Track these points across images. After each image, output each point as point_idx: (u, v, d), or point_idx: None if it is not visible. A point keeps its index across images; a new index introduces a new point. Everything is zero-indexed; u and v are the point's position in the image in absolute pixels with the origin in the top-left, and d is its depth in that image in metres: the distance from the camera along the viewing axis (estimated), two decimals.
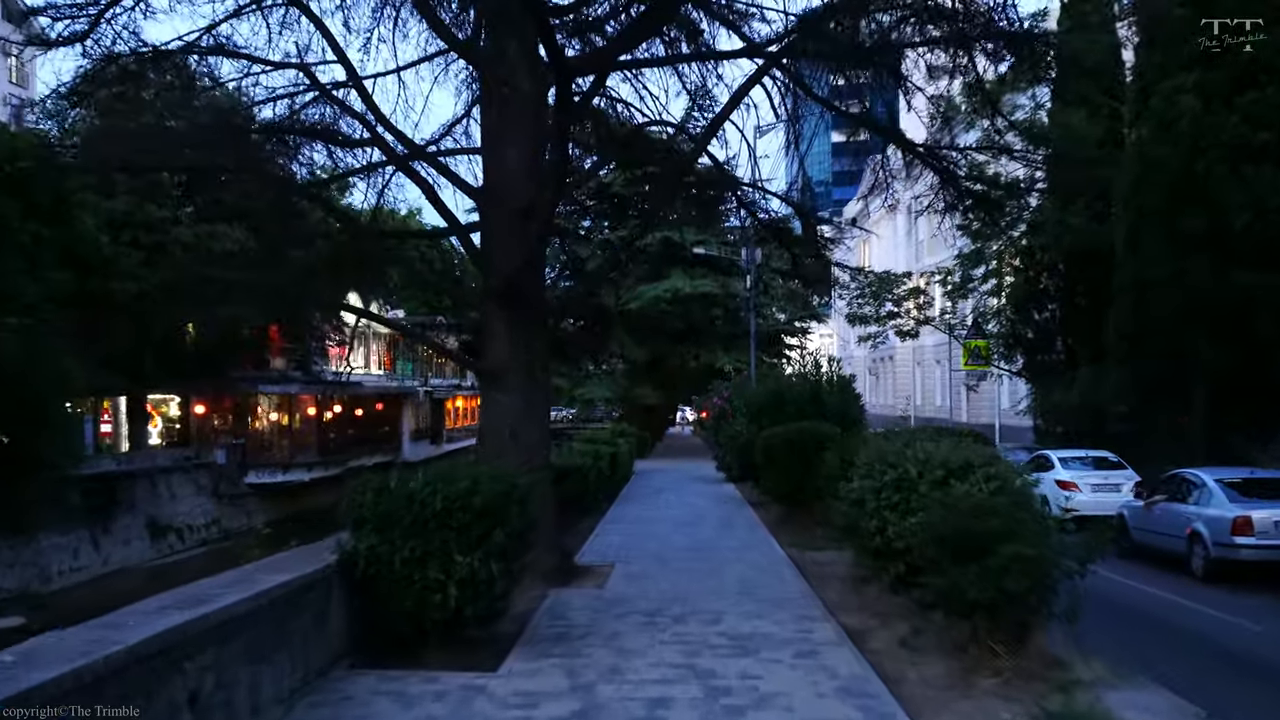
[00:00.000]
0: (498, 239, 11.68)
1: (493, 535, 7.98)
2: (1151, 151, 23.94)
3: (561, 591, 11.12)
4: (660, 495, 23.33)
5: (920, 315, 40.08)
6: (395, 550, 7.73)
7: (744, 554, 14.06)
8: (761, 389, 22.31)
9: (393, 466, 46.59)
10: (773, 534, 16.30)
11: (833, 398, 20.41)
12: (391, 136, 11.87)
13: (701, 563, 13.24)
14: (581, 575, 12.06)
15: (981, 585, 7.18)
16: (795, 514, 17.68)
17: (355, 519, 7.94)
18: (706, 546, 14.80)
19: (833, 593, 11.27)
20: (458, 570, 7.76)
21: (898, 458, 9.28)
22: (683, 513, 19.52)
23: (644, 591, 11.11)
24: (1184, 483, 16.28)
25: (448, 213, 12.04)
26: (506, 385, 11.57)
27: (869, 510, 9.20)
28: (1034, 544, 7.18)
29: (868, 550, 9.39)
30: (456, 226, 12.21)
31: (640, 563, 13.19)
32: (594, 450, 20.25)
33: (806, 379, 21.06)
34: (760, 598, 10.78)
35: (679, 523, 17.95)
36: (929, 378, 61.51)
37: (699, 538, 15.87)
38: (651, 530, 16.84)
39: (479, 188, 12.05)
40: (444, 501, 7.79)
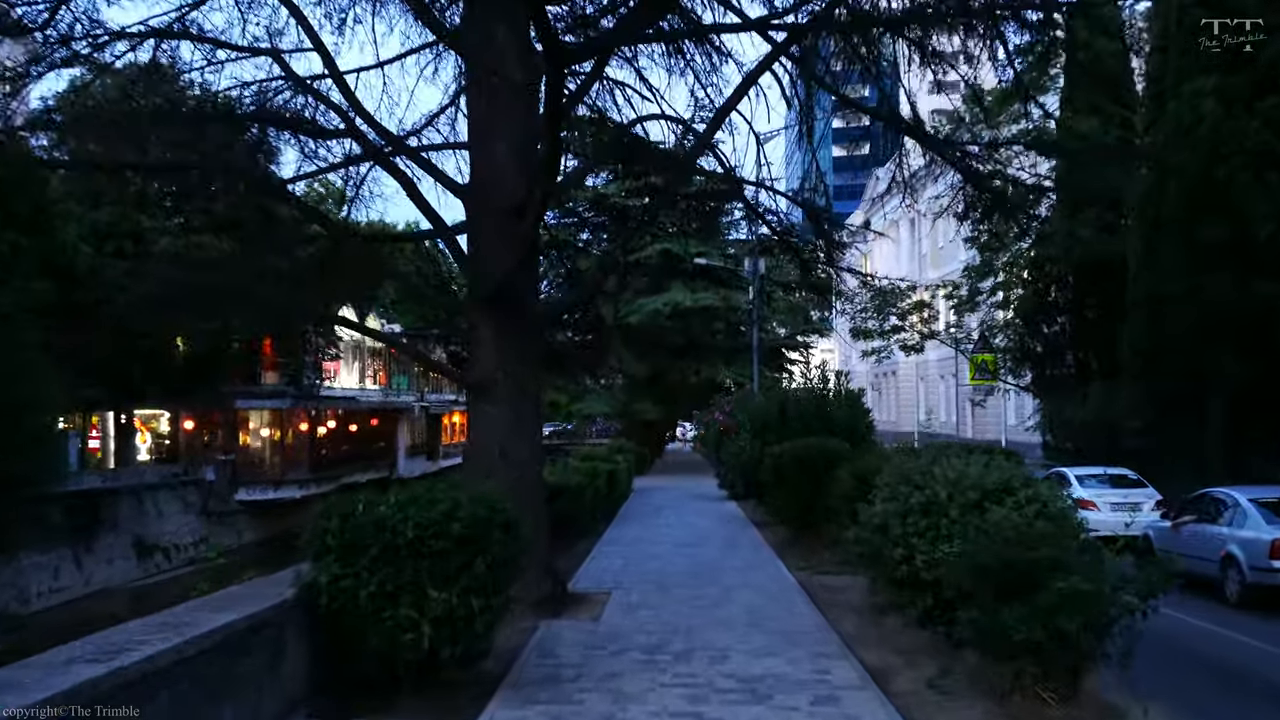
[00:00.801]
0: (486, 240, 10.82)
1: (473, 566, 7.08)
2: (1169, 158, 23.11)
3: (553, 623, 10.20)
4: (660, 514, 22.40)
5: (926, 329, 39.23)
6: (362, 583, 6.83)
7: (750, 579, 13.14)
8: (766, 403, 21.42)
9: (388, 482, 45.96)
10: (780, 557, 15.38)
11: (841, 412, 19.56)
12: (371, 130, 11.01)
13: (705, 589, 12.32)
14: (575, 604, 11.15)
15: (1029, 624, 6.28)
16: (803, 535, 16.78)
17: (317, 548, 7.04)
18: (710, 571, 13.88)
19: (849, 624, 10.35)
20: (433, 606, 6.86)
21: (925, 478, 8.39)
22: (684, 533, 18.59)
23: (643, 624, 10.19)
24: (1215, 503, 15.39)
25: (432, 213, 11.18)
26: (495, 398, 10.69)
27: (893, 536, 8.30)
28: (1090, 577, 6.28)
29: (891, 580, 8.48)
30: (442, 228, 11.33)
31: (639, 590, 12.28)
32: (591, 468, 19.35)
33: (813, 393, 20.17)
34: (770, 630, 9.86)
35: (680, 544, 17.03)
36: (933, 393, 60.63)
37: (702, 561, 14.95)
38: (651, 552, 15.93)
39: (466, 185, 11.19)
40: (417, 528, 6.90)
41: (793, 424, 19.48)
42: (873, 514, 8.64)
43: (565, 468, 18.64)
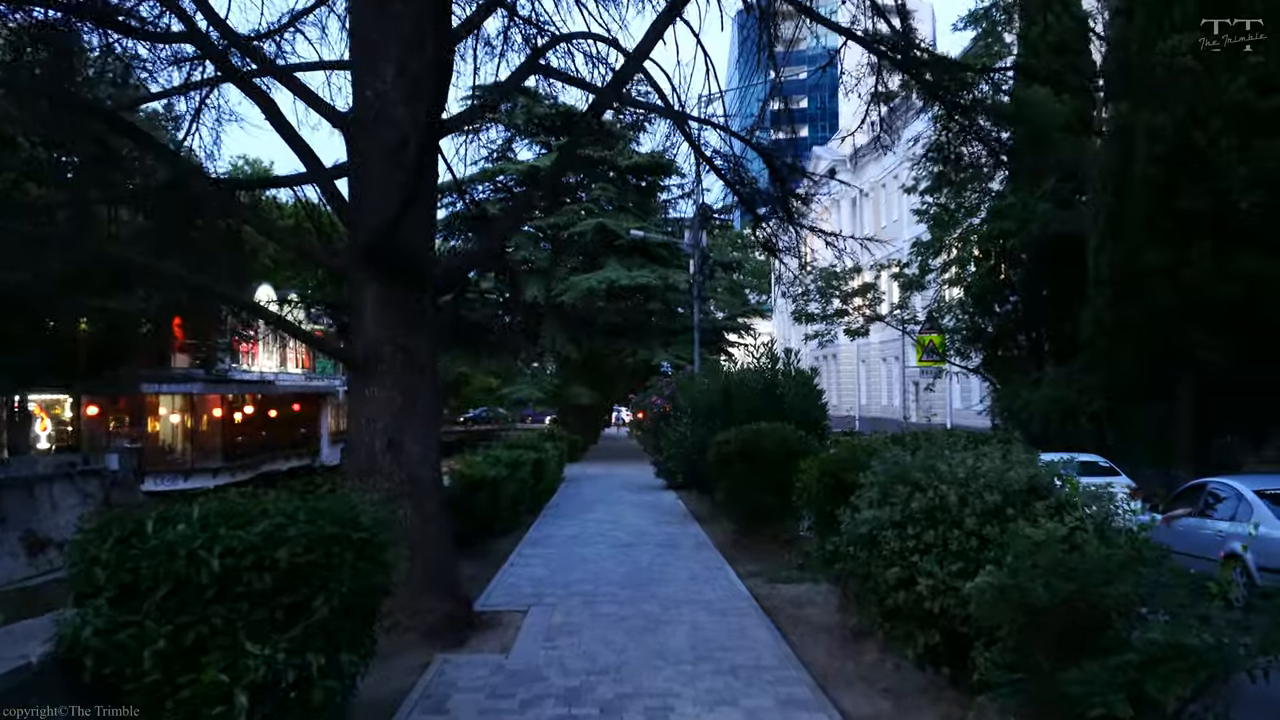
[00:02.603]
0: (370, 183, 8.66)
1: (311, 608, 4.99)
2: (1140, 124, 21.54)
3: (450, 658, 8.10)
4: (593, 509, 20.34)
5: (870, 312, 37.60)
6: (147, 637, 4.69)
7: (696, 590, 11.13)
8: (709, 385, 19.46)
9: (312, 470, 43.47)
10: (728, 560, 13.41)
11: (791, 394, 17.66)
12: (221, 37, 8.77)
13: (642, 605, 10.29)
14: (483, 629, 9.06)
15: (1105, 691, 4.36)
16: (752, 533, 14.88)
17: (80, 585, 4.88)
18: (648, 580, 11.85)
19: (819, 652, 8.40)
20: (250, 668, 4.75)
21: (927, 476, 6.45)
22: (619, 532, 16.55)
23: (564, 657, 8.13)
24: (1211, 494, 13.79)
25: (304, 148, 8.98)
26: (379, 377, 8.56)
27: (887, 553, 6.35)
28: (1190, 626, 4.38)
29: (883, 609, 6.52)
30: (316, 169, 9.13)
31: (563, 606, 10.22)
32: (514, 457, 17.21)
33: (760, 373, 18.23)
34: (723, 664, 7.87)
35: (614, 545, 14.99)
36: (874, 375, 59.36)
37: (638, 566, 12.93)
38: (580, 556, 13.87)
39: (347, 115, 9.01)
40: (228, 557, 4.77)
41: (738, 408, 17.53)
42: (858, 522, 6.67)
43: (485, 458, 16.50)
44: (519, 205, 8.79)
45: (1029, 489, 6.19)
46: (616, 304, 41.22)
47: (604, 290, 37.47)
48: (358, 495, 5.92)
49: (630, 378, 40.86)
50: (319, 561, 5.01)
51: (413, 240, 8.64)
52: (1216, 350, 19.91)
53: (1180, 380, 22.43)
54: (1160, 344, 21.35)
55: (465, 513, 14.14)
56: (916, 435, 8.91)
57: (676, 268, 38.73)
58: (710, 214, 28.82)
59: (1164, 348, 21.35)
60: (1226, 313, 19.24)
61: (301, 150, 9.07)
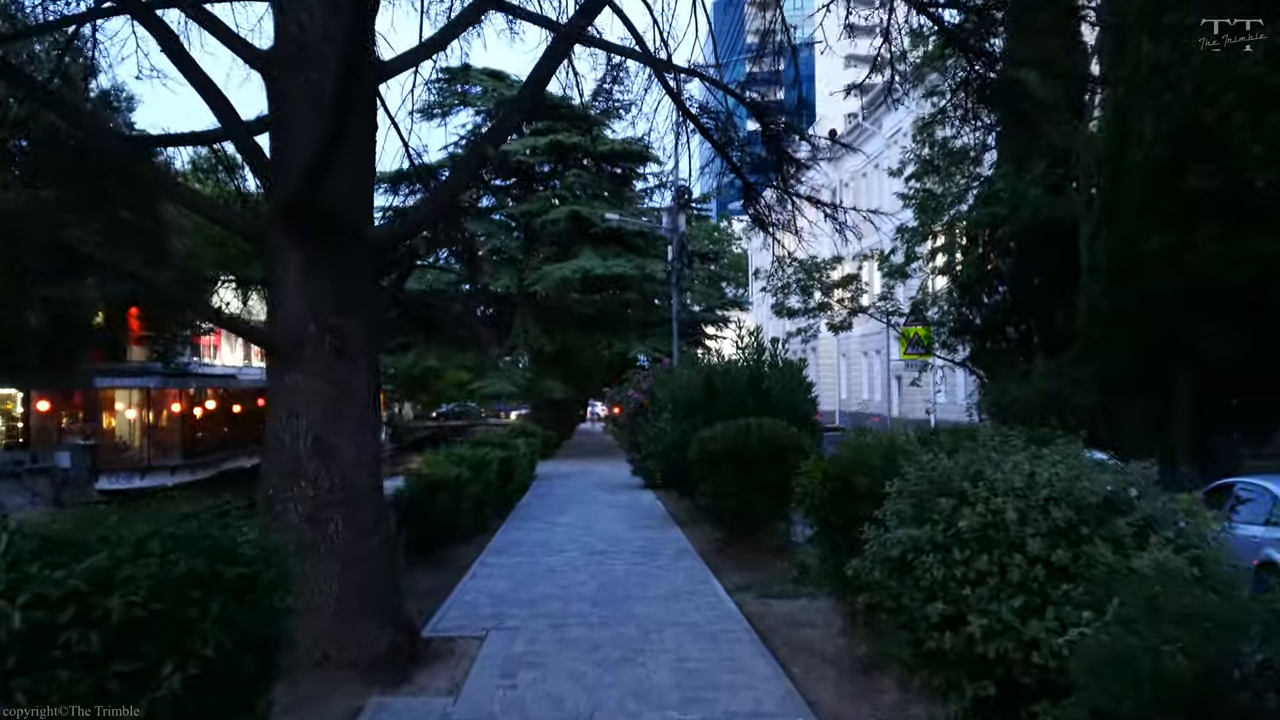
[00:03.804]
0: (293, 131, 7.25)
1: (157, 677, 3.61)
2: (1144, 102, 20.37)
3: (387, 702, 6.72)
4: (565, 510, 18.98)
5: (853, 304, 36.36)
6: None
7: (679, 610, 9.79)
8: (690, 377, 18.12)
9: None
10: (713, 570, 12.08)
11: (779, 387, 16.34)
12: None
13: (617, 627, 8.95)
14: (430, 661, 7.68)
15: None
16: (739, 538, 13.58)
17: None
18: (624, 595, 10.50)
19: (826, 689, 7.09)
20: None
21: (975, 487, 5.13)
22: (592, 537, 15.20)
23: (524, 700, 6.76)
24: (1238, 496, 12.65)
25: (217, 96, 7.55)
26: (303, 364, 7.16)
27: (927, 584, 5.03)
28: None
29: (919, 652, 5.19)
30: (232, 122, 7.68)
31: (527, 630, 8.85)
32: (479, 456, 15.82)
33: (745, 364, 16.91)
34: (716, 709, 6.53)
35: (587, 553, 13.64)
36: (854, 369, 58.25)
37: (614, 578, 11.58)
38: (549, 566, 12.51)
39: (268, 51, 7.59)
40: (35, 610, 3.40)
41: (722, 402, 16.21)
42: (888, 543, 5.34)
43: (447, 457, 15.12)
44: (469, 158, 7.47)
45: (1108, 501, 4.89)
46: (591, 295, 39.88)
47: (578, 280, 36.09)
48: (241, 520, 4.50)
49: (606, 371, 39.53)
50: (170, 612, 3.64)
51: (343, 198, 7.25)
52: (1220, 339, 18.79)
53: (1179, 372, 21.34)
54: (1158, 334, 20.23)
55: (423, 518, 12.80)
56: (955, 432, 7.57)
57: (654, 257, 37.40)
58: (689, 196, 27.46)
59: (1162, 338, 20.22)
60: (1235, 298, 18.12)
61: (214, 99, 7.64)
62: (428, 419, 78.97)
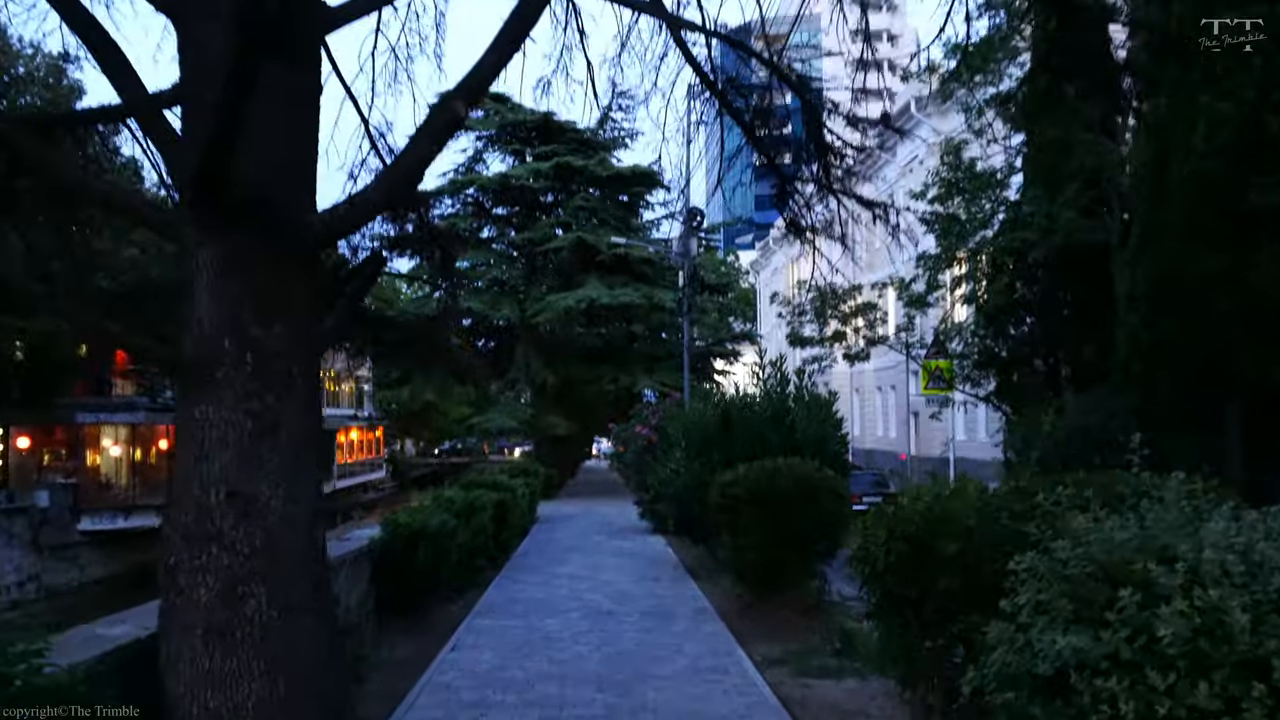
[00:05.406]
0: (208, 88, 5.59)
1: None
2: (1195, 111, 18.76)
3: None
4: (567, 560, 17.17)
5: (872, 334, 34.70)
6: None
7: (701, 695, 7.99)
8: (703, 411, 16.39)
9: None
10: (737, 637, 10.28)
11: (805, 423, 14.60)
12: None
13: None
14: None
15: None
16: (766, 596, 11.80)
17: None
18: (634, 675, 8.69)
19: None
20: None
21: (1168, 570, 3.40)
22: (597, 594, 13.40)
23: None
24: None
25: (117, 59, 5.90)
26: (216, 389, 5.46)
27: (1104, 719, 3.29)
28: None
29: None
30: (137, 93, 6.00)
31: None
32: (469, 500, 14.07)
33: (769, 396, 15.17)
34: None
35: (591, 613, 11.85)
36: (869, 406, 56.42)
37: (621, 650, 9.79)
38: (545, 632, 10.72)
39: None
40: None
41: (740, 439, 14.46)
42: (1040, 653, 3.58)
43: (434, 501, 13.39)
44: (436, 116, 5.95)
45: None
46: (596, 327, 38.23)
47: (583, 311, 34.45)
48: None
49: (612, 406, 37.77)
50: None
51: (273, 177, 5.59)
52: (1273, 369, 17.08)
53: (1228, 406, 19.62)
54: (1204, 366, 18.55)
55: (401, 572, 11.06)
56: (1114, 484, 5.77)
57: (662, 286, 35.75)
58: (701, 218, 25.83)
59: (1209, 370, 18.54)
60: None
61: (113, 65, 6.00)
62: (430, 456, 77.35)
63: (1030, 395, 29.14)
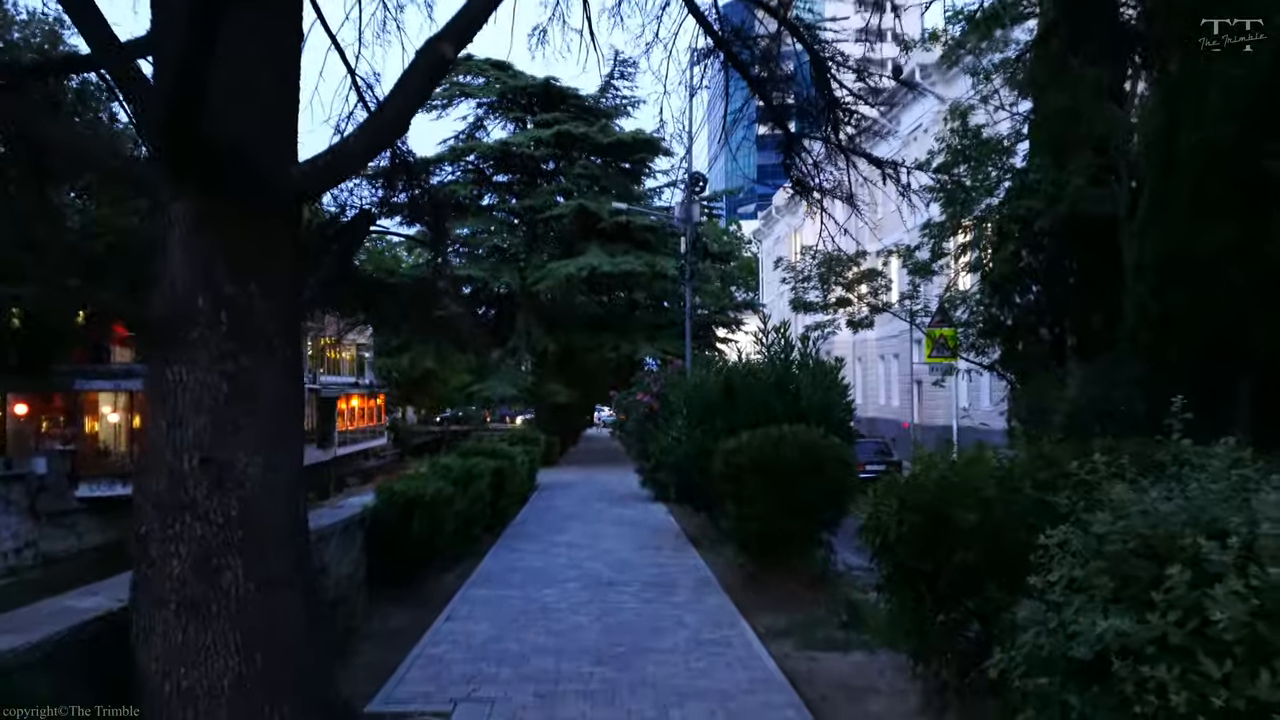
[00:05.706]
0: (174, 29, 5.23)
1: None
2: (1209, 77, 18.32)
3: None
4: (566, 527, 16.94)
5: (876, 301, 34.31)
6: None
7: (704, 669, 7.73)
8: (705, 378, 16.07)
9: None
10: (740, 609, 10.02)
11: (810, 390, 14.26)
12: None
13: (626, 703, 6.88)
14: None
15: None
16: (770, 566, 11.52)
17: None
18: (635, 647, 8.44)
19: None
20: None
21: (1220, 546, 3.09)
22: (597, 563, 13.16)
23: None
24: None
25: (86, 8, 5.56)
26: (190, 350, 5.15)
27: (1149, 710, 2.99)
28: None
29: None
30: (107, 43, 5.63)
31: (506, 705, 6.79)
32: (467, 468, 13.78)
33: (772, 362, 14.84)
34: None
35: (590, 583, 11.61)
36: (870, 373, 56.09)
37: (621, 621, 9.53)
38: (543, 603, 10.47)
39: None
40: None
41: (744, 406, 14.13)
42: (1079, 636, 3.28)
43: (431, 468, 13.11)
44: (421, 60, 5.58)
45: None
46: (598, 295, 37.84)
47: (584, 278, 34.05)
48: None
49: (613, 374, 37.46)
50: None
51: (249, 128, 5.24)
52: None
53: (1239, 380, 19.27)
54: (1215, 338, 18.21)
55: (396, 542, 10.80)
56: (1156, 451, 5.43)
57: (664, 254, 35.32)
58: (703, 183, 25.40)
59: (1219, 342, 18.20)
60: None
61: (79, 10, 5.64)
62: (431, 424, 77.16)
63: (1035, 364, 28.81)
